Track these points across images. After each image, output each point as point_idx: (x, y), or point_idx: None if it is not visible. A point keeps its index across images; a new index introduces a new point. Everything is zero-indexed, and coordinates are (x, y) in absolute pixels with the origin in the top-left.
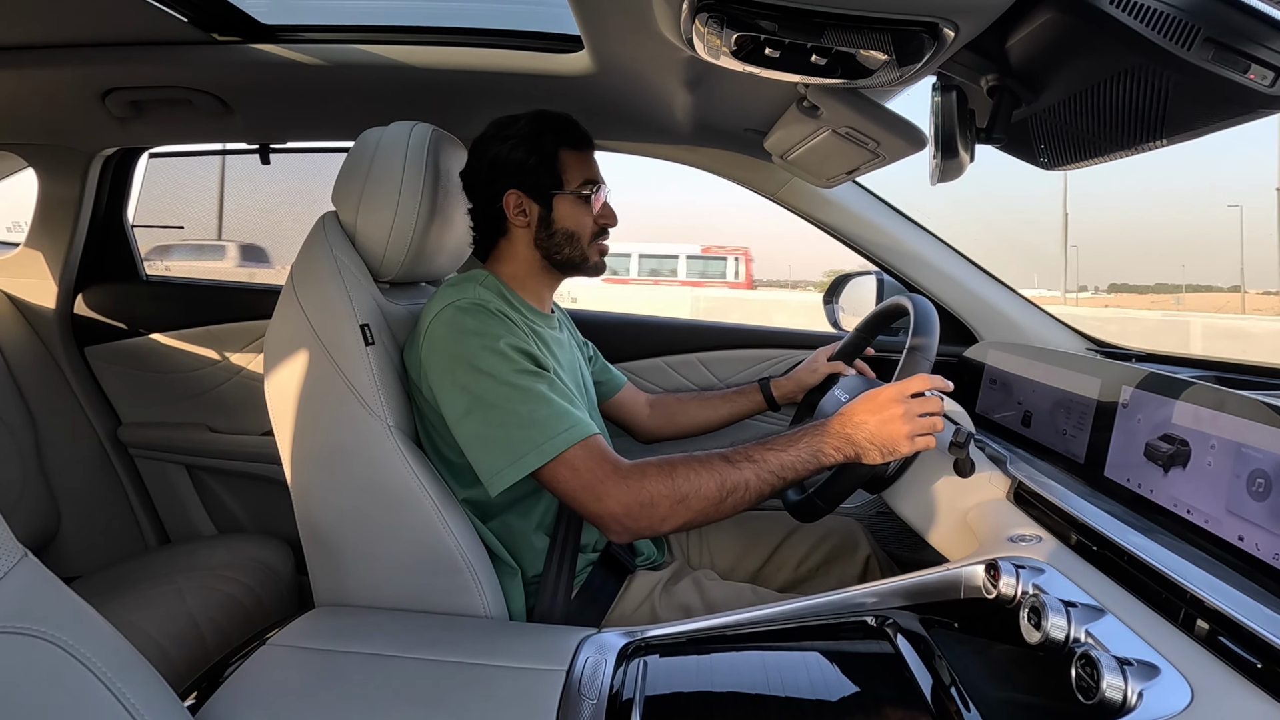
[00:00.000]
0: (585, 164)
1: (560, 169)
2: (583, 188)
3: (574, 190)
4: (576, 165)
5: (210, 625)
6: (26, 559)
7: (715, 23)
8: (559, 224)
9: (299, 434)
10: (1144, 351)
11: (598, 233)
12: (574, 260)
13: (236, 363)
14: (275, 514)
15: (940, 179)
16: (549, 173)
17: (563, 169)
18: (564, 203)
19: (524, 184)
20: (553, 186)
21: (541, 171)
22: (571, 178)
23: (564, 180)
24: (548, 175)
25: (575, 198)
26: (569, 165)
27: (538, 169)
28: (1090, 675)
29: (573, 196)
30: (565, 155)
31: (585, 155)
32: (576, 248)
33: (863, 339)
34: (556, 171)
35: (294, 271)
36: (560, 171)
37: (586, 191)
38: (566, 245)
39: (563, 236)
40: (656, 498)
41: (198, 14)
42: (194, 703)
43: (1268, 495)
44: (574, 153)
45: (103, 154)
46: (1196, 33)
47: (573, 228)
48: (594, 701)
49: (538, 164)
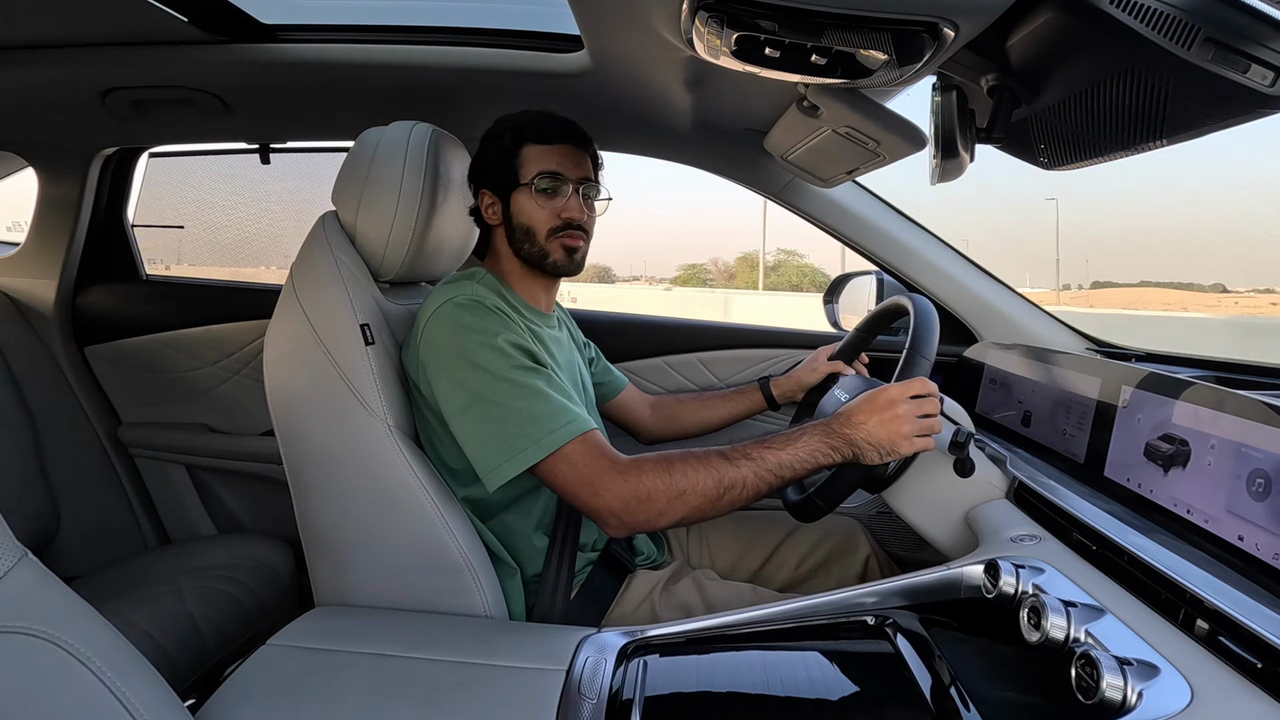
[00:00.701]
0: (546, 158)
1: (519, 164)
2: (537, 180)
3: (527, 184)
4: (536, 159)
5: (210, 625)
6: (26, 559)
7: (715, 22)
8: (516, 219)
9: (299, 434)
10: (1144, 351)
11: (558, 228)
12: (534, 257)
13: (237, 362)
14: (275, 514)
15: (940, 179)
16: (508, 168)
17: (520, 163)
18: (519, 197)
19: (491, 181)
20: (512, 182)
21: (500, 167)
22: (527, 171)
23: (520, 175)
24: (506, 170)
25: (530, 191)
26: (527, 159)
27: (496, 164)
28: (1090, 675)
29: (527, 190)
30: (526, 150)
31: (552, 150)
32: (535, 244)
33: (863, 339)
34: (515, 167)
35: (294, 271)
36: (518, 166)
37: (543, 185)
38: (525, 241)
39: (521, 232)
40: (654, 493)
41: (198, 14)
42: (194, 702)
43: (1267, 495)
44: (537, 147)
45: (103, 154)
46: (1196, 32)
47: (527, 222)
48: (594, 701)
49: (496, 159)
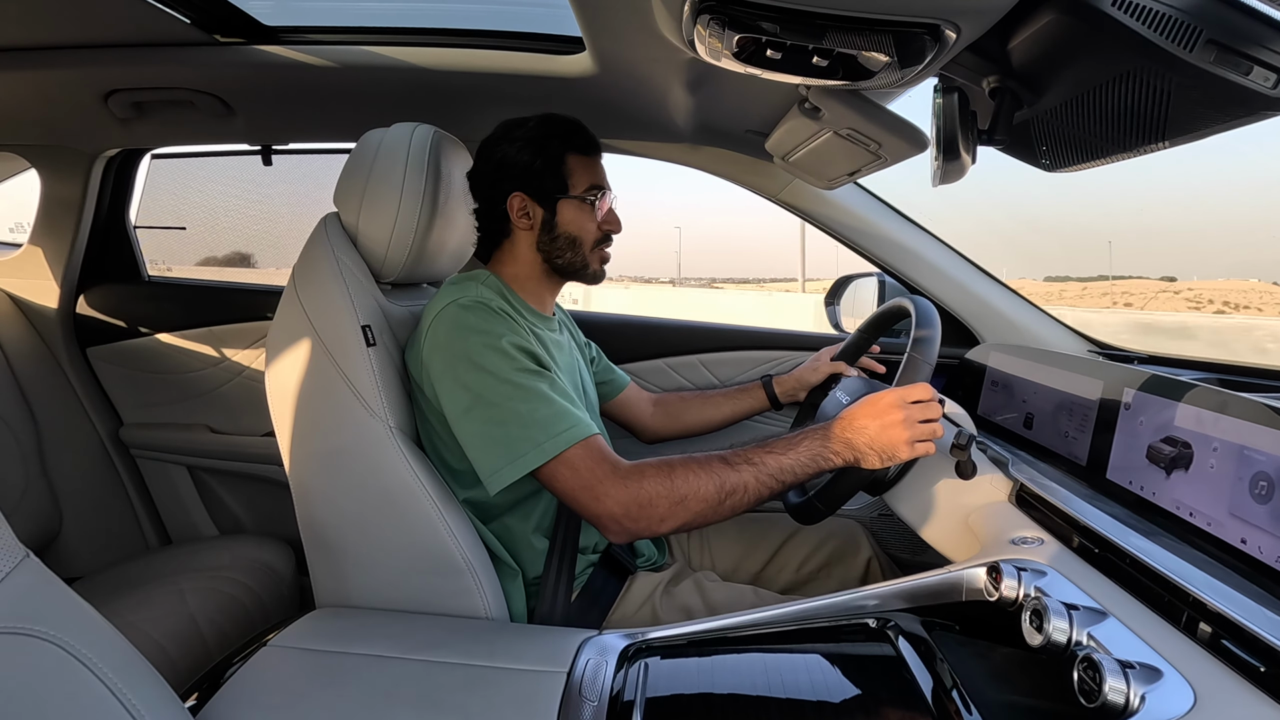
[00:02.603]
0: (591, 169)
1: (566, 173)
2: (588, 193)
3: (579, 195)
4: (583, 170)
5: (211, 626)
6: (28, 559)
7: (717, 24)
8: (561, 228)
9: (300, 435)
10: (1146, 353)
11: (600, 239)
12: (574, 265)
13: (238, 363)
14: (277, 515)
15: (942, 180)
16: (554, 177)
17: (568, 173)
18: (568, 207)
19: (529, 187)
20: (557, 191)
21: (546, 175)
22: (577, 182)
23: (569, 185)
24: (553, 179)
25: (580, 203)
26: (575, 170)
27: (543, 172)
28: (1092, 678)
29: (577, 201)
30: (572, 160)
31: (592, 160)
32: (578, 253)
33: (864, 340)
34: (562, 176)
35: (296, 272)
36: (566, 176)
37: (591, 197)
38: (568, 250)
39: (565, 241)
40: (655, 498)
41: (200, 15)
42: (195, 703)
43: (1270, 498)
44: (581, 158)
45: (105, 155)
46: (1198, 34)
47: (575, 233)
48: (595, 703)
49: (543, 167)
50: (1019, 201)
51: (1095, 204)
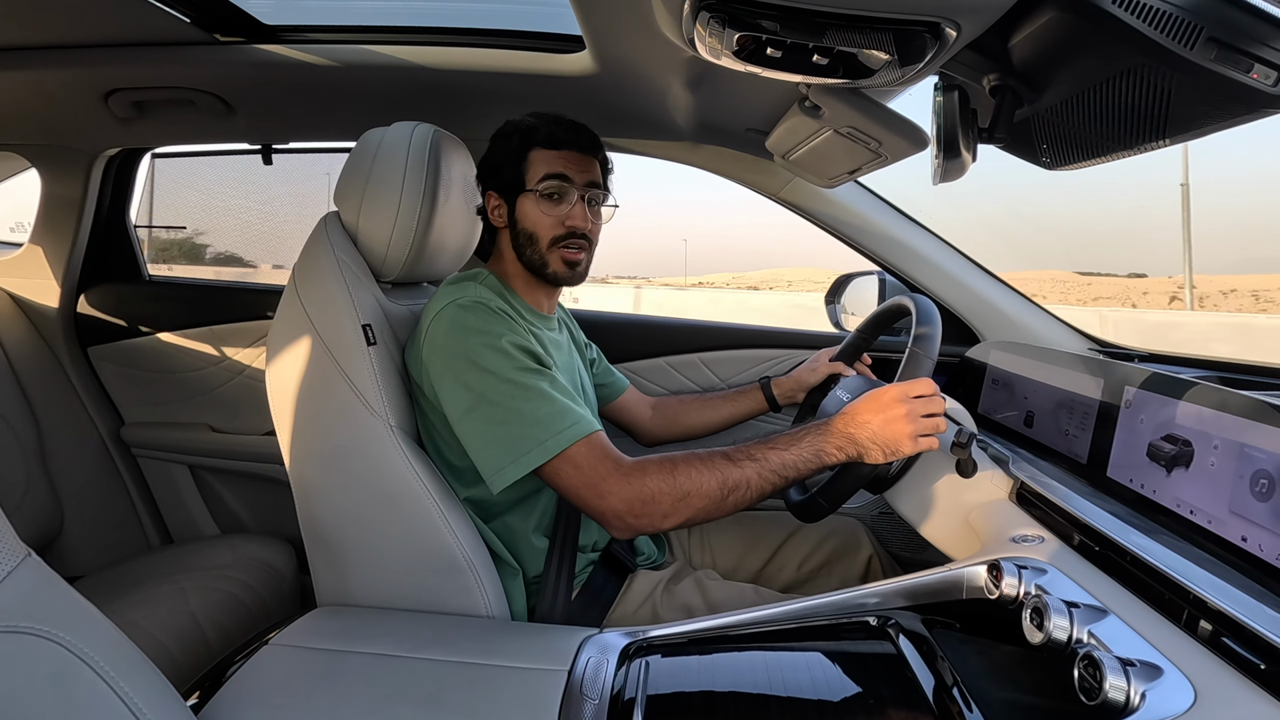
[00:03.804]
0: (553, 162)
1: (525, 167)
2: (542, 184)
3: (533, 188)
4: (543, 163)
5: (213, 625)
6: (30, 559)
7: (717, 23)
8: (520, 224)
9: (301, 434)
10: (1146, 351)
11: (561, 236)
12: (534, 264)
13: (239, 363)
14: (278, 514)
15: (942, 179)
16: (514, 171)
17: (528, 167)
18: (525, 202)
19: (497, 183)
20: (517, 185)
21: (507, 169)
22: (533, 175)
23: (526, 179)
24: (512, 173)
25: (536, 196)
26: (535, 163)
27: (503, 166)
28: (1093, 676)
29: (534, 195)
30: (534, 154)
31: (560, 155)
32: (536, 251)
33: (864, 339)
34: (521, 170)
35: (296, 272)
36: (524, 170)
37: (547, 189)
38: (528, 247)
39: (524, 238)
40: (658, 494)
41: (200, 14)
42: (196, 702)
43: (1271, 496)
44: (546, 152)
45: (105, 154)
46: (1199, 32)
47: (530, 228)
48: (596, 702)
49: (503, 162)
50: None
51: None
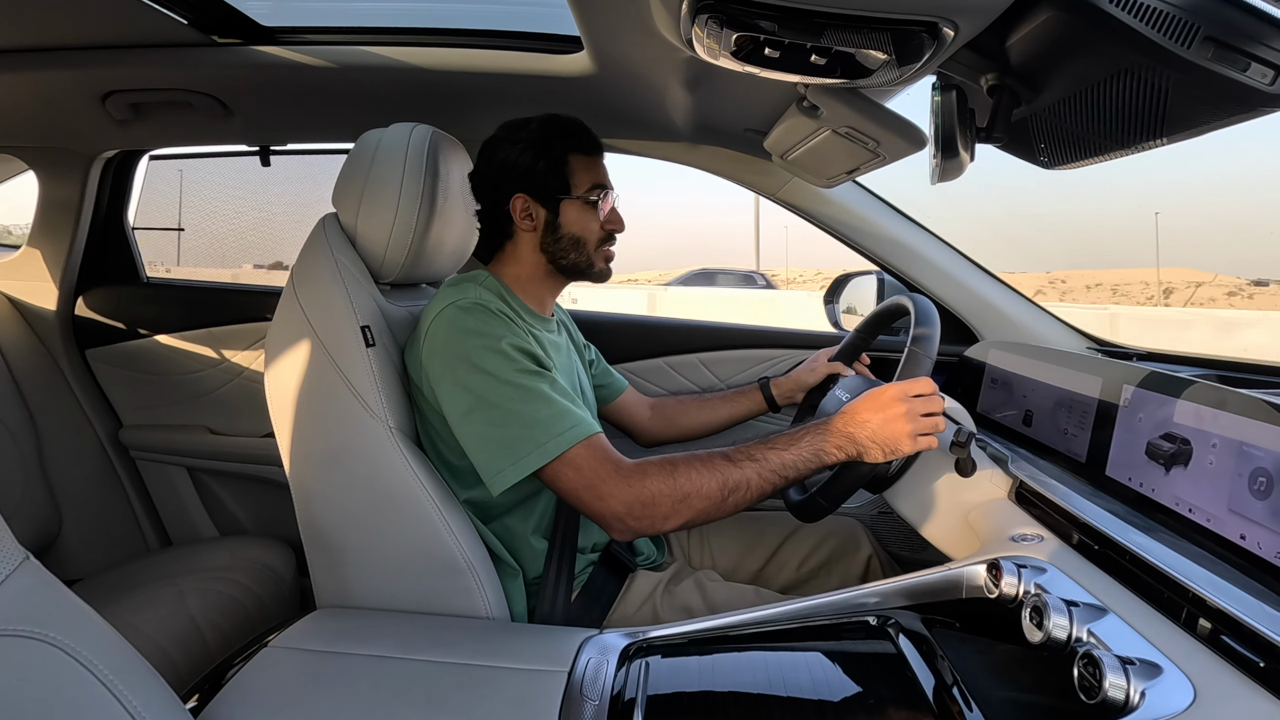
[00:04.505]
0: (594, 169)
1: (568, 174)
2: (590, 193)
3: (581, 196)
4: (585, 170)
5: (212, 627)
6: (28, 562)
7: (715, 23)
8: (565, 229)
9: (300, 436)
10: (1145, 350)
11: (604, 238)
12: (579, 266)
13: (238, 365)
14: (277, 516)
15: (940, 178)
16: (557, 178)
17: (571, 174)
18: (571, 208)
19: (531, 188)
20: (560, 191)
21: (549, 176)
22: (579, 183)
23: (571, 185)
24: (555, 180)
25: (582, 203)
26: (577, 170)
27: (545, 174)
28: (1093, 674)
29: (580, 202)
30: (574, 160)
31: (594, 160)
32: (583, 253)
33: (863, 339)
34: (564, 176)
35: (294, 273)
36: (568, 177)
37: (594, 197)
38: (572, 250)
39: (569, 242)
40: (658, 496)
41: (198, 16)
42: (195, 705)
43: (1269, 494)
44: (583, 158)
45: (103, 156)
46: (1196, 31)
47: (579, 233)
48: (596, 702)
49: (546, 169)
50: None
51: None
